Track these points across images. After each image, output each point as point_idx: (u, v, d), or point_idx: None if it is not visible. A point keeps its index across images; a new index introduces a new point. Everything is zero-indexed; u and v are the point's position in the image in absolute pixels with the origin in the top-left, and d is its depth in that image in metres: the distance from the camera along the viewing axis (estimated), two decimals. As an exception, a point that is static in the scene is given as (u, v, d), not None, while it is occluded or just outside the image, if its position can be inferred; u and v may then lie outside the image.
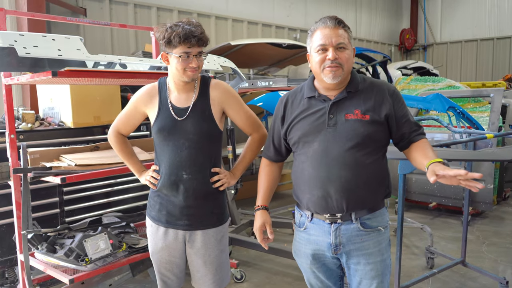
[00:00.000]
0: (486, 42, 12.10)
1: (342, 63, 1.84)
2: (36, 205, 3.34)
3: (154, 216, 2.24)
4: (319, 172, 1.90)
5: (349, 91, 1.91)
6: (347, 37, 1.87)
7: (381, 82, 1.98)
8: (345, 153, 1.86)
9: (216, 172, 2.21)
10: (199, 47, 2.03)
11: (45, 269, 2.82)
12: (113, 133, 2.36)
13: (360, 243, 1.91)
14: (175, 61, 2.04)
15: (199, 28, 2.02)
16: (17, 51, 2.43)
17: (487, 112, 5.93)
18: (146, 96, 2.22)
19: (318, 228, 1.96)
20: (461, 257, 3.84)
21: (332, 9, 9.88)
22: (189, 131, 2.11)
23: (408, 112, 1.95)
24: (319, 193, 1.90)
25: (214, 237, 2.22)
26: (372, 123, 1.87)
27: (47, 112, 3.85)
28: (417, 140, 1.91)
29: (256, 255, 4.36)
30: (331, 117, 1.90)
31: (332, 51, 1.84)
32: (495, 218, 5.64)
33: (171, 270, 2.27)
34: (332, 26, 1.86)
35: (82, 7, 5.64)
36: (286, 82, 4.28)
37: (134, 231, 3.32)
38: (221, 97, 2.18)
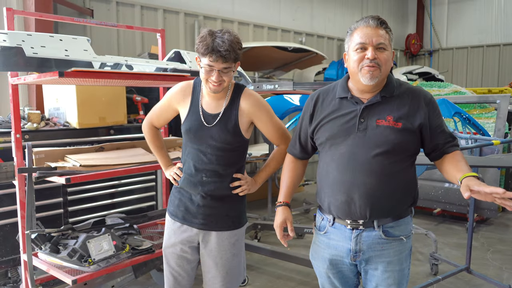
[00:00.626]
0: (492, 48, 12.04)
1: (380, 63, 1.79)
2: (40, 205, 3.35)
3: (172, 211, 2.29)
4: (344, 176, 1.86)
5: (383, 96, 1.85)
6: (388, 38, 1.82)
7: (418, 89, 1.91)
8: (373, 159, 1.81)
9: (237, 177, 2.22)
10: (223, 63, 1.99)
11: (48, 269, 2.82)
12: (147, 124, 2.42)
13: (381, 250, 1.88)
14: (201, 70, 2.05)
15: (226, 44, 1.95)
16: (25, 51, 2.44)
17: (493, 118, 5.90)
18: (180, 94, 2.23)
19: (339, 233, 1.92)
20: (466, 264, 3.81)
21: (338, 14, 9.88)
22: (213, 138, 2.13)
23: (443, 122, 1.89)
24: (342, 198, 1.87)
25: (228, 240, 2.22)
26: (404, 131, 1.81)
27: (53, 112, 3.86)
28: (451, 151, 1.86)
29: (259, 259, 4.34)
30: (362, 121, 1.85)
31: (372, 50, 1.78)
32: (500, 225, 5.60)
33: (182, 266, 2.28)
34: (373, 25, 1.81)
35: (89, 8, 5.66)
36: (291, 86, 4.26)
37: (137, 232, 3.31)
38: (250, 109, 2.16)
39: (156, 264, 3.45)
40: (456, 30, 12.75)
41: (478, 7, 12.25)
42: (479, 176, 1.71)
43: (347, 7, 10.29)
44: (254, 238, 4.87)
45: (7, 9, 2.78)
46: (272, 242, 4.85)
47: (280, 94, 5.24)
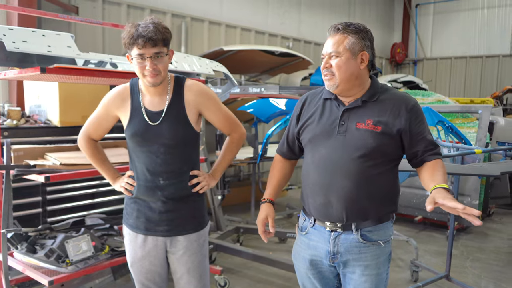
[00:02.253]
0: (475, 60, 12.27)
1: (334, 71, 1.82)
2: (17, 204, 3.27)
3: (132, 223, 2.14)
4: (322, 178, 1.88)
5: (363, 100, 1.87)
6: (342, 42, 1.81)
7: (401, 95, 1.90)
8: (351, 162, 1.82)
9: (194, 175, 2.13)
10: (153, 47, 1.89)
11: (24, 269, 2.75)
12: (84, 138, 2.21)
13: (358, 254, 1.88)
14: (134, 64, 1.94)
15: (150, 27, 1.88)
16: (6, 45, 2.39)
17: (474, 128, 5.99)
18: (118, 99, 2.08)
19: (318, 234, 1.94)
20: (446, 272, 3.85)
21: (325, 19, 9.95)
22: (164, 136, 2.01)
23: (425, 130, 1.87)
24: (321, 200, 1.89)
25: (196, 242, 2.14)
26: (383, 135, 1.81)
27: (34, 109, 3.78)
28: (430, 160, 1.84)
29: (241, 263, 4.31)
30: (342, 123, 1.87)
31: (325, 60, 1.85)
32: (479, 234, 5.67)
33: (153, 280, 2.18)
34: (330, 34, 1.86)
35: (75, 5, 5.58)
36: (277, 90, 4.27)
37: (117, 233, 3.26)
38: (196, 99, 2.07)
39: (136, 266, 3.40)
40: (440, 40, 12.97)
41: (463, 19, 12.49)
42: (449, 189, 1.68)
43: (334, 13, 10.37)
44: (236, 242, 4.84)
45: (-11, 2, 2.72)
46: (254, 246, 4.83)
47: (266, 97, 5.24)
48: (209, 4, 7.37)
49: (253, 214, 5.43)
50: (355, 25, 1.84)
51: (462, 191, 5.25)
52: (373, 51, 1.89)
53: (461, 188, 5.19)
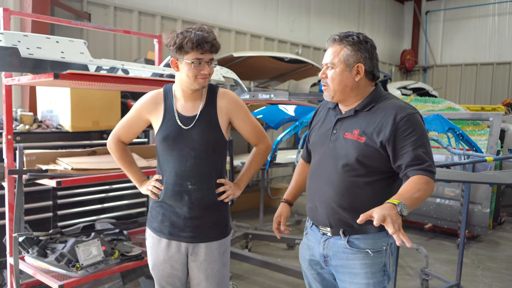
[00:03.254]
0: (486, 67, 12.18)
1: (328, 82, 1.87)
2: (28, 208, 3.30)
3: (156, 227, 2.16)
4: (312, 183, 1.98)
5: (356, 110, 1.88)
6: (338, 54, 1.83)
7: (397, 105, 1.82)
8: (335, 171, 1.86)
9: (221, 183, 2.15)
10: (211, 53, 2.00)
11: (34, 273, 2.77)
12: (114, 140, 2.26)
13: (346, 260, 1.88)
14: (186, 68, 1.99)
15: (211, 34, 1.98)
16: (20, 52, 2.42)
17: (485, 136, 5.94)
18: (151, 103, 2.14)
19: (314, 235, 2.01)
20: (456, 280, 3.81)
21: (334, 26, 9.96)
22: (195, 140, 2.05)
23: (415, 143, 1.73)
24: (309, 204, 2.00)
25: (217, 250, 2.16)
26: (366, 146, 1.79)
27: (46, 114, 3.82)
28: (412, 175, 1.72)
29: (249, 269, 4.30)
30: (334, 132, 1.91)
31: (323, 70, 1.89)
32: (490, 242, 5.61)
33: (172, 283, 2.20)
34: (328, 45, 1.90)
35: (87, 12, 5.65)
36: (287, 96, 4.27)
37: (127, 238, 3.27)
38: (228, 106, 2.13)
39: (145, 271, 3.41)
40: (450, 47, 12.90)
41: (473, 26, 12.42)
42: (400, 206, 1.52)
43: (344, 20, 10.38)
44: (244, 248, 4.83)
45: (4, 10, 2.76)
46: (263, 252, 4.82)
47: (275, 104, 5.25)
48: (219, 11, 7.41)
49: (261, 220, 5.42)
50: (354, 35, 1.83)
51: (473, 199, 5.20)
52: (373, 61, 1.86)
53: (472, 196, 5.14)
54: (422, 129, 1.78)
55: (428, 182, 1.70)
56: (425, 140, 1.77)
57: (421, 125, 1.79)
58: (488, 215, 5.21)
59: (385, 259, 1.89)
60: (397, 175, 1.83)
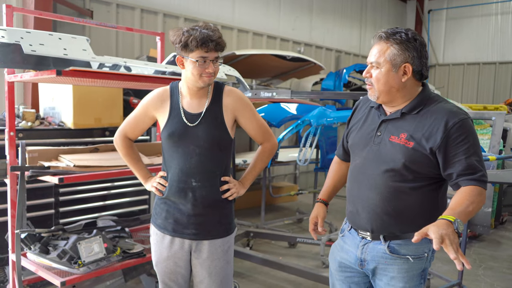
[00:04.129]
0: (488, 66, 12.15)
1: (373, 82, 1.77)
2: (30, 205, 3.31)
3: (160, 224, 2.17)
4: (353, 187, 1.91)
5: (403, 112, 1.78)
6: (384, 53, 1.73)
7: (448, 109, 1.72)
8: (379, 175, 1.78)
9: (225, 181, 2.15)
10: (216, 52, 1.99)
11: (36, 270, 2.77)
12: (120, 137, 2.27)
13: (384, 265, 1.84)
14: (191, 66, 1.99)
15: (216, 32, 1.98)
16: (23, 48, 2.42)
17: (487, 135, 5.92)
18: (157, 100, 2.15)
19: (352, 239, 1.95)
20: (458, 279, 3.80)
21: (337, 25, 9.94)
22: (200, 137, 2.06)
23: (468, 151, 1.66)
24: (350, 208, 1.93)
25: (221, 248, 2.16)
26: (414, 151, 1.71)
27: (48, 111, 3.83)
28: (464, 185, 1.66)
29: (251, 267, 4.30)
30: (379, 134, 1.83)
31: (367, 69, 1.79)
32: (492, 242, 5.60)
33: (176, 280, 2.21)
34: (374, 42, 1.79)
35: (89, 9, 5.64)
36: (289, 94, 4.26)
37: (129, 236, 3.27)
38: (234, 104, 2.13)
39: (146, 268, 3.41)
40: (453, 46, 12.87)
41: (476, 25, 12.38)
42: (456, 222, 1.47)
43: (346, 19, 10.36)
44: (246, 246, 4.83)
45: (7, 6, 2.76)
46: (264, 250, 4.82)
47: (277, 102, 5.24)
48: (221, 8, 7.40)
49: (263, 219, 5.42)
50: (402, 33, 1.73)
51: (475, 199, 5.18)
52: (422, 60, 1.75)
53: (474, 195, 5.11)
54: (474, 136, 1.71)
55: (481, 193, 1.64)
56: (477, 148, 1.70)
57: (473, 132, 1.71)
58: (490, 215, 5.19)
59: (425, 264, 1.85)
60: (444, 180, 1.78)
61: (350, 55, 10.55)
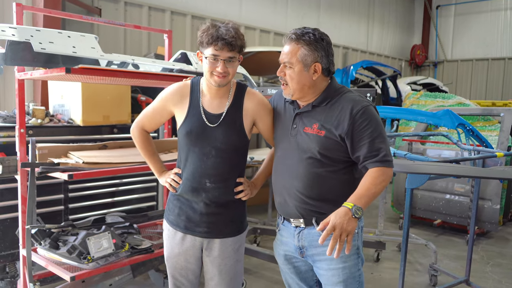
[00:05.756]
0: (497, 62, 12.07)
1: (287, 80, 1.90)
2: (40, 201, 3.34)
3: (172, 220, 2.17)
4: (278, 178, 2.03)
5: (314, 105, 1.94)
6: (295, 53, 1.86)
7: (352, 98, 1.90)
8: (299, 164, 1.93)
9: (239, 182, 2.14)
10: (228, 51, 1.93)
11: (46, 265, 2.81)
12: (137, 128, 2.24)
13: (321, 247, 1.90)
14: (204, 62, 1.98)
15: (231, 31, 1.93)
16: (33, 46, 2.45)
17: (496, 131, 5.89)
18: (177, 95, 2.11)
19: (287, 230, 2.06)
20: (465, 276, 3.80)
21: (344, 21, 9.91)
22: (218, 139, 2.04)
23: (372, 135, 1.83)
24: (278, 199, 2.04)
25: (231, 247, 2.16)
26: (327, 139, 1.88)
27: (57, 109, 3.86)
28: (370, 167, 1.83)
29: (258, 263, 4.32)
30: (294, 127, 1.97)
31: (280, 69, 1.91)
32: (500, 239, 5.57)
33: (186, 276, 2.22)
34: (285, 43, 1.91)
35: (98, 7, 5.69)
36: (296, 91, 4.27)
37: (137, 232, 3.31)
38: (255, 108, 2.10)
39: (155, 264, 3.44)
40: (461, 42, 12.79)
41: (484, 21, 12.29)
42: (350, 208, 1.70)
43: (353, 15, 10.32)
44: (253, 243, 4.86)
45: (17, 5, 2.79)
46: (271, 247, 4.82)
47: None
48: (229, 6, 7.42)
49: (270, 215, 5.44)
50: (310, 34, 1.86)
51: (483, 195, 5.17)
52: (329, 58, 1.90)
53: (482, 192, 5.11)
54: (377, 121, 1.87)
55: (384, 173, 1.82)
56: (380, 131, 1.86)
57: (376, 117, 1.88)
58: (498, 211, 5.18)
59: (358, 242, 1.98)
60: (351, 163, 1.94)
61: (357, 51, 10.52)
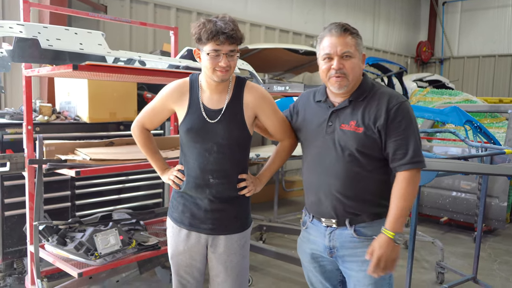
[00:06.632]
0: (504, 58, 11.96)
1: (347, 72, 1.85)
2: (47, 198, 3.36)
3: (176, 217, 2.16)
4: (312, 177, 1.99)
5: (351, 100, 1.90)
6: (354, 44, 1.86)
7: (388, 94, 1.89)
8: (336, 162, 1.88)
9: (243, 178, 2.12)
10: (229, 45, 1.91)
11: (54, 261, 2.82)
12: (138, 127, 2.24)
13: (353, 249, 1.90)
14: (205, 59, 1.95)
15: (230, 24, 1.90)
16: (40, 43, 2.45)
17: (503, 128, 5.85)
18: (176, 93, 2.10)
19: (316, 229, 2.02)
20: (473, 274, 3.78)
21: (350, 18, 9.86)
22: (219, 134, 2.02)
23: (403, 133, 1.81)
24: (312, 198, 2.00)
25: (237, 243, 2.15)
26: (365, 136, 1.84)
27: (64, 106, 3.87)
28: (400, 170, 1.82)
29: (264, 260, 4.33)
30: (330, 124, 1.93)
31: (337, 60, 1.85)
32: (508, 236, 5.54)
33: (191, 273, 2.21)
34: (337, 34, 1.85)
35: (103, 4, 5.69)
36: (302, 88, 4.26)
37: (143, 229, 3.31)
38: (255, 102, 2.07)
39: (161, 261, 3.46)
40: (468, 39, 12.69)
41: (491, 17, 12.19)
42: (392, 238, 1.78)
43: (359, 11, 10.27)
44: (259, 240, 4.86)
45: (24, 1, 2.79)
46: (277, 244, 4.84)
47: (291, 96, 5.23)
48: (234, 3, 7.40)
49: (276, 212, 5.44)
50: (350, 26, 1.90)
51: (490, 193, 5.14)
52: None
53: (489, 189, 5.08)
54: (411, 118, 1.85)
55: (413, 179, 1.80)
56: (414, 129, 1.84)
57: (410, 114, 1.85)
58: (505, 209, 5.14)
59: None
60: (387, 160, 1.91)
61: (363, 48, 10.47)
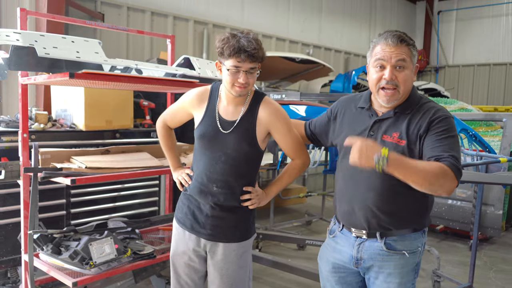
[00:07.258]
0: (499, 67, 12.05)
1: (398, 84, 1.77)
2: (42, 206, 3.34)
3: (180, 218, 2.24)
4: (347, 187, 1.93)
5: (396, 112, 1.84)
6: (409, 55, 1.78)
7: (434, 107, 1.81)
8: (374, 174, 1.78)
9: (247, 190, 2.14)
10: (250, 63, 1.95)
11: (48, 270, 2.80)
12: (161, 123, 2.37)
13: (381, 261, 1.88)
14: (225, 73, 1.99)
15: (253, 42, 1.93)
16: (37, 51, 2.45)
17: (498, 137, 5.88)
18: (196, 99, 2.17)
19: (345, 239, 1.97)
20: (469, 282, 3.78)
21: (346, 27, 9.93)
22: (228, 145, 2.06)
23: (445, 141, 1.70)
24: (345, 208, 1.94)
25: (235, 252, 2.16)
26: (407, 149, 1.76)
27: (60, 113, 3.86)
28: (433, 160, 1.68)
29: (260, 269, 4.31)
30: (372, 134, 1.86)
31: (390, 70, 1.77)
32: (503, 244, 5.55)
33: (189, 275, 2.24)
34: (393, 44, 1.77)
35: (101, 12, 5.70)
36: (298, 96, 4.27)
37: (139, 237, 3.30)
38: (268, 118, 2.08)
39: (156, 269, 3.44)
40: (463, 47, 12.79)
41: (486, 26, 12.29)
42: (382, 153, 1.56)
43: (355, 20, 10.34)
44: (255, 248, 4.84)
45: (21, 10, 2.80)
46: (273, 252, 4.82)
47: (287, 104, 5.25)
48: (230, 11, 7.44)
49: (272, 221, 5.43)
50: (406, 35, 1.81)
51: (486, 201, 5.16)
52: None
53: (485, 197, 5.10)
54: (454, 132, 1.75)
55: (446, 174, 1.60)
56: (456, 141, 1.74)
57: (453, 128, 1.76)
58: (501, 217, 5.16)
59: (418, 259, 1.92)
60: None
61: (359, 56, 10.53)
